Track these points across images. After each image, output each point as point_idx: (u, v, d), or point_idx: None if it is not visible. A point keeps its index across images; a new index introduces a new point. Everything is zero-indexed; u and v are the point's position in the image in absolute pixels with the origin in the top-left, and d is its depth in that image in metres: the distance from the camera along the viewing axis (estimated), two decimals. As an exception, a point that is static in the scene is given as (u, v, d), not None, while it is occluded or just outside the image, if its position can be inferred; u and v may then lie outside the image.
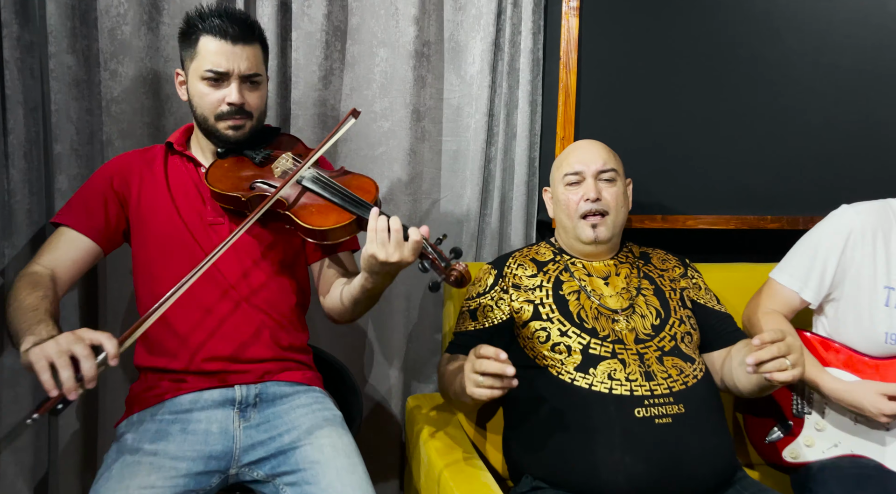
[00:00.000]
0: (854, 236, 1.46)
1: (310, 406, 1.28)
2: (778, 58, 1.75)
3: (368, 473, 1.20)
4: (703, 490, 1.26)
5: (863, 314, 1.44)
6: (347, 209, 1.24)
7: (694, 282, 1.51)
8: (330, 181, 1.28)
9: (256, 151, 1.34)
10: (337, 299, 1.34)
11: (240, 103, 1.27)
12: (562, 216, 1.47)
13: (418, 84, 1.73)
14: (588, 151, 1.47)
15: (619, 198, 1.45)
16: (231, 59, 1.25)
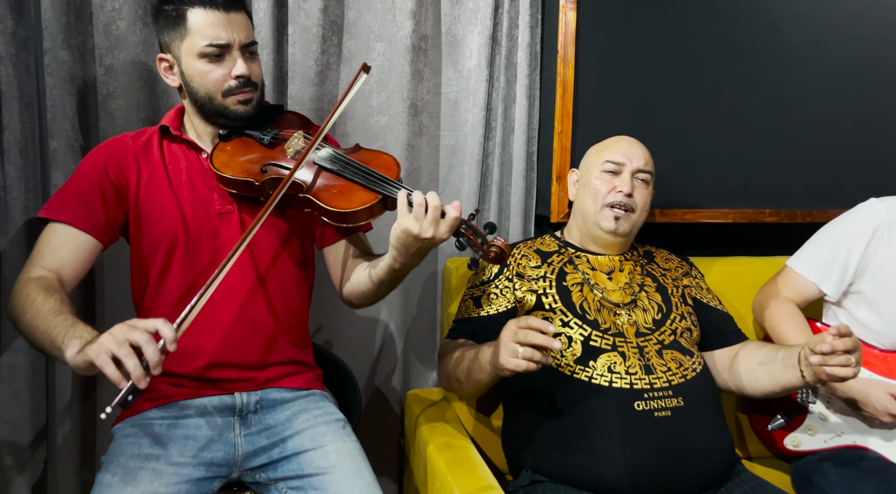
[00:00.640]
0: (881, 230, 1.45)
1: (311, 411, 1.26)
2: (776, 52, 1.74)
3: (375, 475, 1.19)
4: (702, 483, 1.27)
5: (882, 308, 1.43)
6: (372, 189, 1.17)
7: (696, 282, 1.51)
8: (349, 160, 1.22)
9: (264, 132, 1.27)
10: (363, 281, 1.27)
11: (248, 75, 1.21)
12: (587, 200, 1.45)
13: (416, 78, 1.72)
14: (634, 147, 1.47)
15: (647, 201, 1.46)
16: (229, 29, 1.19)
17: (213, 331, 1.22)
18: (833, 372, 1.15)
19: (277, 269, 1.28)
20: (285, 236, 1.30)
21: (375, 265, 1.23)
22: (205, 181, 1.27)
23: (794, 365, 1.23)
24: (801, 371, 1.22)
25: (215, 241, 1.24)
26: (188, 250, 1.23)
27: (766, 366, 1.30)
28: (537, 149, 1.82)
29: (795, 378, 1.23)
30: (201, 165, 1.27)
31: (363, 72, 1.25)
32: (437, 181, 1.81)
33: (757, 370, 1.33)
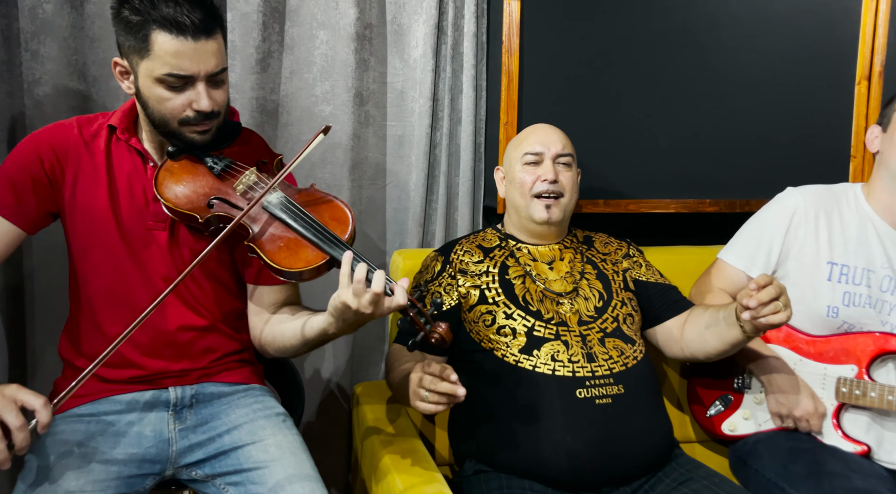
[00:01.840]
0: (798, 215, 1.51)
1: (250, 406, 1.23)
2: (715, 45, 1.78)
3: (317, 468, 1.17)
4: (640, 467, 1.29)
5: (806, 290, 1.49)
6: (321, 248, 1.10)
7: (635, 261, 1.53)
8: (300, 211, 1.13)
9: (216, 160, 1.19)
10: (290, 336, 1.19)
11: (210, 110, 1.12)
12: (515, 195, 1.46)
13: (361, 68, 1.70)
14: (549, 133, 1.48)
15: (573, 183, 1.47)
16: (195, 60, 1.07)
17: (146, 331, 1.18)
18: (768, 322, 1.18)
19: (213, 266, 1.24)
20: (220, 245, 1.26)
21: (305, 324, 1.16)
22: (145, 191, 1.20)
23: (735, 322, 1.26)
24: (741, 326, 1.25)
25: (142, 253, 1.18)
26: (115, 259, 1.17)
27: (712, 328, 1.32)
28: (485, 140, 1.82)
29: (740, 334, 1.26)
30: (145, 174, 1.20)
31: (322, 133, 1.17)
32: (385, 172, 1.79)
33: (705, 334, 1.35)
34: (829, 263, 1.48)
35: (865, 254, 1.47)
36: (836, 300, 1.46)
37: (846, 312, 1.45)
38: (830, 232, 1.50)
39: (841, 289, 1.46)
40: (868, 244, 1.47)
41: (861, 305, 1.45)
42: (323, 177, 1.70)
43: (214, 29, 1.11)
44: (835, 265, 1.47)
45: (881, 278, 1.45)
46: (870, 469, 1.34)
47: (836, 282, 1.46)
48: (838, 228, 1.50)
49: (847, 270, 1.47)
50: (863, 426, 1.42)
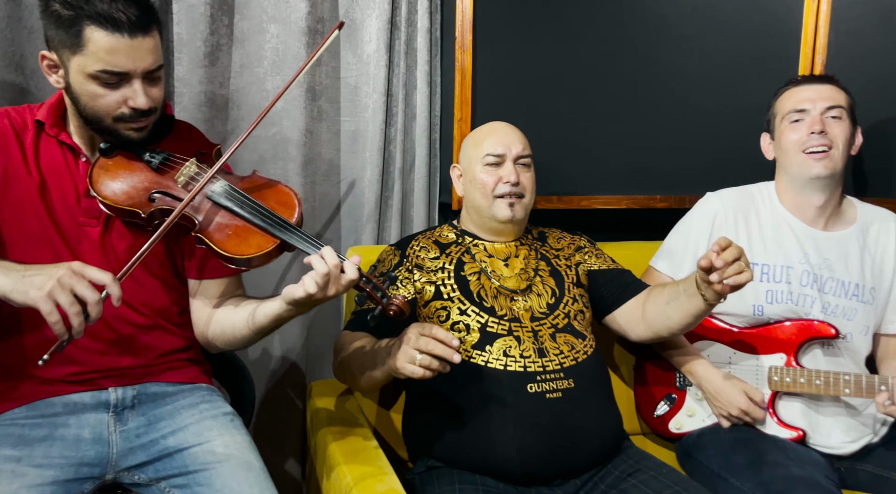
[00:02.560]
0: (719, 218, 1.56)
1: (197, 406, 1.21)
2: (666, 44, 1.81)
3: (266, 467, 1.16)
4: (590, 460, 1.31)
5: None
6: (270, 233, 1.10)
7: (587, 252, 1.55)
8: (246, 198, 1.13)
9: (153, 153, 1.17)
10: (238, 327, 1.18)
11: (146, 108, 1.10)
12: (476, 196, 1.46)
13: (313, 62, 1.67)
14: (509, 134, 1.47)
15: (533, 182, 1.48)
16: (131, 57, 1.05)
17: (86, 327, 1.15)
18: (735, 281, 1.18)
19: (154, 264, 1.21)
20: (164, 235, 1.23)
21: (255, 312, 1.15)
22: (76, 186, 1.17)
23: (696, 292, 1.27)
24: (702, 295, 1.26)
25: (75, 249, 1.15)
26: (47, 254, 1.13)
27: (673, 302, 1.34)
28: (440, 136, 1.82)
29: (701, 303, 1.27)
30: (76, 169, 1.17)
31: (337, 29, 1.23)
32: (339, 168, 1.78)
33: (666, 310, 1.36)
34: (751, 264, 1.52)
35: (783, 252, 1.52)
36: (759, 299, 1.51)
37: (770, 309, 1.50)
38: (749, 233, 1.54)
39: (763, 288, 1.51)
40: (784, 242, 1.52)
41: (783, 301, 1.50)
42: (275, 173, 1.67)
43: (151, 25, 1.09)
44: (756, 265, 1.52)
45: (800, 273, 1.50)
46: (807, 456, 1.39)
47: (759, 281, 1.51)
48: (756, 228, 1.55)
49: (768, 268, 1.52)
50: (797, 412, 1.48)
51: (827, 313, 1.49)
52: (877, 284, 1.52)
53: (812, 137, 1.47)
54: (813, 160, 1.48)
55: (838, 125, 1.48)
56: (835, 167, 1.48)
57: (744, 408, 1.45)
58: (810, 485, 1.27)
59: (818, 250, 1.52)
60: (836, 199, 1.53)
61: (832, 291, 1.50)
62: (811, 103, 1.49)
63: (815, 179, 1.49)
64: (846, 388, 1.40)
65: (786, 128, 1.52)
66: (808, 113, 1.49)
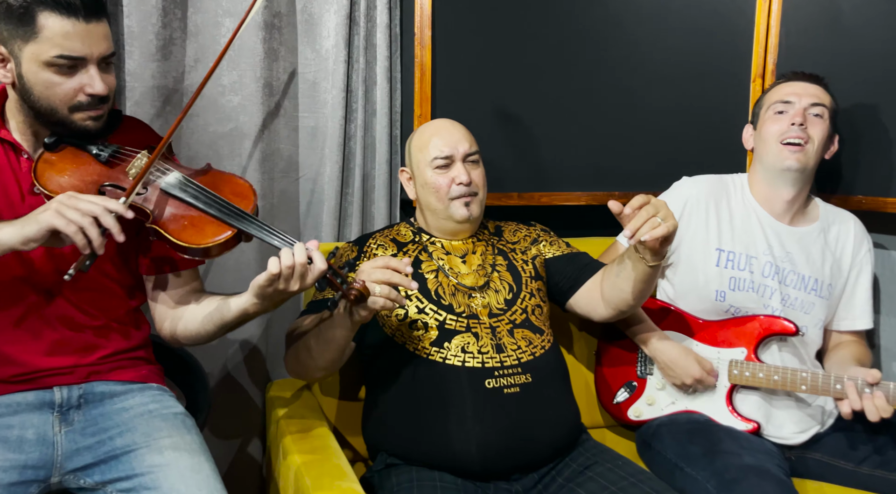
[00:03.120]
0: (690, 202, 1.59)
1: (146, 406, 1.18)
2: (622, 42, 1.83)
3: (224, 467, 1.14)
4: (548, 453, 1.33)
5: (698, 275, 1.56)
6: (227, 222, 1.10)
7: (542, 242, 1.55)
8: (201, 188, 1.13)
9: (102, 146, 1.15)
10: (205, 323, 1.18)
11: (104, 93, 1.09)
12: (431, 199, 1.44)
13: (270, 57, 1.65)
14: (454, 133, 1.46)
15: (484, 178, 1.47)
16: (87, 42, 1.05)
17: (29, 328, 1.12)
18: (652, 236, 1.18)
19: (105, 262, 1.18)
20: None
21: (221, 307, 1.16)
22: (19, 184, 1.13)
23: (637, 257, 1.29)
24: (642, 258, 1.28)
25: (21, 254, 1.10)
26: None
27: (622, 273, 1.35)
28: (401, 132, 1.81)
29: (645, 266, 1.28)
30: (19, 168, 1.14)
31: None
32: (297, 165, 1.76)
33: (618, 283, 1.37)
34: (718, 249, 1.56)
35: (749, 241, 1.56)
36: (723, 285, 1.54)
37: (732, 296, 1.54)
38: (719, 220, 1.58)
39: (727, 274, 1.55)
40: (751, 232, 1.57)
41: (745, 289, 1.54)
42: (232, 169, 1.65)
43: (103, 12, 1.09)
44: (722, 252, 1.56)
45: (763, 264, 1.54)
46: (759, 445, 1.43)
47: (724, 268, 1.55)
48: (726, 216, 1.59)
49: (733, 256, 1.55)
50: (753, 404, 1.51)
51: (786, 304, 1.53)
52: (834, 281, 1.57)
53: (792, 128, 1.50)
54: (788, 152, 1.51)
55: (818, 123, 1.52)
56: (807, 162, 1.51)
57: (697, 377, 1.48)
58: (761, 473, 1.30)
59: (782, 244, 1.56)
60: (803, 195, 1.58)
61: (792, 284, 1.54)
62: (797, 97, 1.53)
63: (786, 170, 1.52)
64: (803, 385, 1.43)
65: (769, 118, 1.56)
66: (793, 106, 1.53)
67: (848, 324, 1.60)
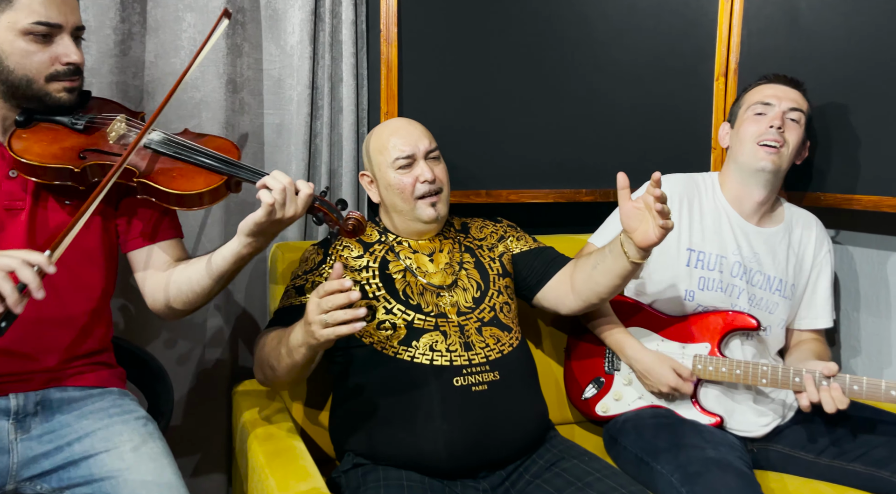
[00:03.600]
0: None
1: (106, 411, 1.15)
2: (588, 40, 1.84)
3: (190, 471, 1.12)
4: (515, 450, 1.33)
5: (667, 274, 1.58)
6: (216, 170, 1.14)
7: (509, 237, 1.55)
8: (185, 142, 1.17)
9: (76, 118, 1.16)
10: (197, 279, 1.19)
11: (80, 62, 1.12)
12: (396, 200, 1.43)
13: (233, 53, 1.63)
14: (412, 131, 1.44)
15: (446, 173, 1.46)
16: (62, 10, 1.08)
17: None
18: (665, 224, 1.21)
19: (69, 262, 1.14)
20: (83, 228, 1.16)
21: (211, 260, 1.17)
22: None
23: (620, 252, 1.30)
24: (625, 254, 1.29)
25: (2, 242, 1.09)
26: None
27: (600, 266, 1.36)
28: (367, 130, 1.80)
29: (626, 262, 1.29)
30: None
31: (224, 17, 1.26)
32: (263, 162, 1.74)
33: (594, 275, 1.37)
34: (689, 249, 1.58)
35: (719, 242, 1.58)
36: (692, 285, 1.56)
37: (701, 296, 1.56)
38: (690, 219, 1.60)
39: (697, 274, 1.57)
40: (721, 232, 1.59)
41: (714, 289, 1.56)
42: (195, 167, 1.62)
43: None
44: (693, 252, 1.58)
45: (732, 264, 1.57)
46: (722, 438, 1.45)
47: (693, 268, 1.57)
48: (697, 215, 1.60)
49: (703, 256, 1.57)
50: (716, 398, 1.53)
51: (752, 304, 1.55)
52: (796, 281, 1.60)
53: (770, 130, 1.53)
54: (764, 153, 1.53)
55: (795, 128, 1.54)
56: (780, 165, 1.54)
57: (673, 385, 1.49)
58: (723, 466, 1.32)
59: (750, 244, 1.58)
60: (773, 197, 1.60)
61: (759, 284, 1.57)
62: (777, 100, 1.55)
63: (760, 171, 1.54)
64: (763, 378, 1.46)
65: (747, 119, 1.58)
66: (773, 108, 1.55)
67: (808, 323, 1.63)
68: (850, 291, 1.85)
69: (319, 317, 1.10)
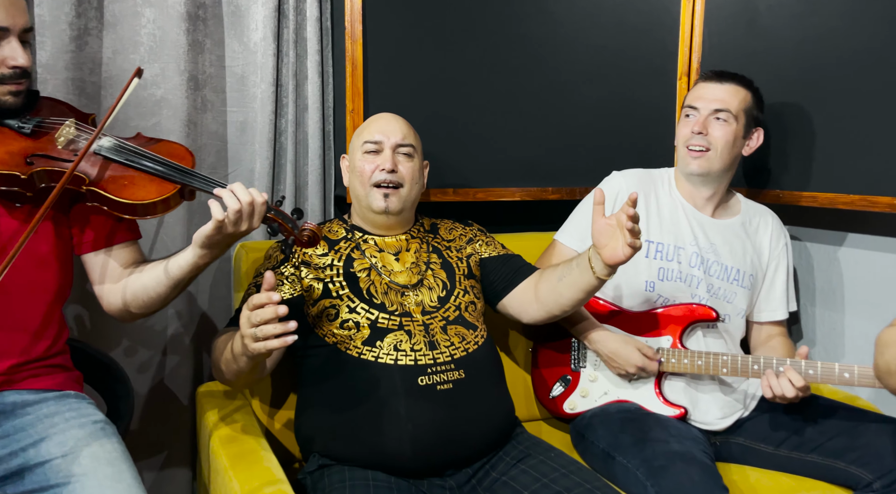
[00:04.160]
0: (621, 196, 1.63)
1: (62, 415, 1.12)
2: (554, 40, 1.84)
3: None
4: (481, 448, 1.33)
5: (628, 266, 1.58)
6: (169, 179, 1.12)
7: (478, 241, 1.56)
8: (138, 150, 1.14)
9: (23, 121, 1.13)
10: (153, 285, 1.17)
11: (27, 65, 1.09)
12: (356, 184, 1.45)
13: (195, 49, 1.60)
14: (390, 123, 1.46)
15: (414, 173, 1.46)
16: (10, 12, 1.06)
17: None
18: (634, 243, 1.23)
19: (21, 266, 1.10)
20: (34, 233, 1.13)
21: (168, 266, 1.16)
22: None
23: (587, 266, 1.31)
24: (591, 269, 1.30)
25: None
26: None
27: (566, 279, 1.37)
28: (333, 127, 1.79)
29: (591, 277, 1.31)
30: None
31: (136, 76, 1.20)
32: (227, 160, 1.71)
33: (559, 287, 1.38)
34: (647, 240, 1.60)
35: (676, 233, 1.61)
36: (652, 276, 1.59)
37: (661, 286, 1.59)
38: (648, 212, 1.62)
39: (656, 265, 1.59)
40: (678, 224, 1.62)
41: (673, 279, 1.58)
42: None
43: None
44: (651, 243, 1.60)
45: (689, 254, 1.60)
46: (686, 432, 1.47)
47: (653, 259, 1.59)
48: (654, 208, 1.63)
49: (662, 247, 1.60)
50: (680, 390, 1.56)
51: (711, 293, 1.58)
52: (755, 272, 1.63)
53: (693, 136, 1.56)
54: (691, 157, 1.57)
55: (721, 128, 1.55)
56: (710, 167, 1.56)
57: (639, 364, 1.51)
58: (686, 459, 1.35)
59: (706, 235, 1.61)
60: (721, 191, 1.63)
61: (716, 274, 1.60)
62: (702, 103, 1.57)
63: (690, 174, 1.59)
64: (724, 368, 1.49)
65: (680, 121, 1.62)
66: (698, 112, 1.57)
67: (768, 315, 1.67)
68: (807, 285, 1.89)
69: (250, 331, 1.08)
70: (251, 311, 1.07)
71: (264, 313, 1.06)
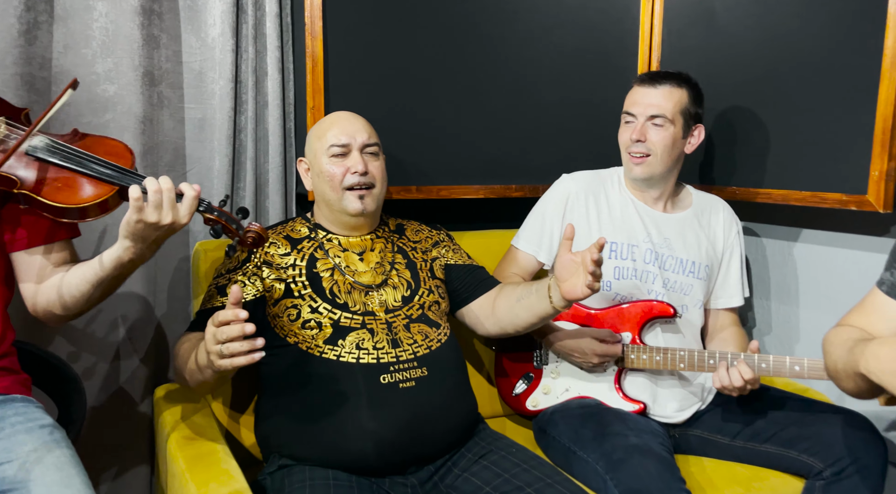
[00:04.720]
0: (571, 199, 1.65)
1: (7, 420, 1.09)
2: (516, 38, 1.85)
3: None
4: (444, 445, 1.33)
5: None
6: (105, 180, 1.07)
7: (444, 246, 1.56)
8: (72, 149, 1.09)
9: None
10: (75, 284, 1.13)
11: None
12: (325, 189, 1.42)
13: (150, 45, 1.56)
14: (353, 123, 1.44)
15: (383, 172, 1.45)
16: None
17: None
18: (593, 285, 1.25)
19: None
20: None
21: (93, 266, 1.12)
22: None
23: (545, 295, 1.33)
24: (549, 298, 1.32)
25: None
26: None
27: (524, 301, 1.39)
28: (295, 125, 1.77)
29: (548, 305, 1.33)
30: None
31: (70, 88, 1.14)
32: (185, 158, 1.68)
33: (516, 307, 1.40)
34: None
35: (629, 231, 1.63)
36: (608, 275, 1.61)
37: (617, 285, 1.61)
38: (599, 213, 1.65)
39: (611, 264, 1.61)
40: (630, 222, 1.64)
41: (628, 277, 1.61)
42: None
43: None
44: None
45: (643, 251, 1.62)
46: (646, 426, 1.50)
47: (608, 258, 1.61)
48: (605, 208, 1.65)
49: (616, 246, 1.62)
50: (639, 386, 1.59)
51: (667, 288, 1.61)
52: (710, 262, 1.66)
53: (633, 143, 1.59)
54: (633, 163, 1.60)
55: (658, 133, 1.57)
56: (652, 172, 1.59)
57: (600, 352, 1.53)
58: (644, 452, 1.37)
59: (659, 230, 1.63)
60: (669, 188, 1.66)
61: (672, 268, 1.63)
62: (638, 109, 1.59)
63: (634, 179, 1.62)
64: (681, 363, 1.52)
65: (621, 126, 1.64)
66: (636, 118, 1.60)
67: (724, 302, 1.71)
68: (761, 280, 1.94)
69: (216, 347, 1.06)
70: (217, 327, 1.05)
71: (230, 330, 1.04)
